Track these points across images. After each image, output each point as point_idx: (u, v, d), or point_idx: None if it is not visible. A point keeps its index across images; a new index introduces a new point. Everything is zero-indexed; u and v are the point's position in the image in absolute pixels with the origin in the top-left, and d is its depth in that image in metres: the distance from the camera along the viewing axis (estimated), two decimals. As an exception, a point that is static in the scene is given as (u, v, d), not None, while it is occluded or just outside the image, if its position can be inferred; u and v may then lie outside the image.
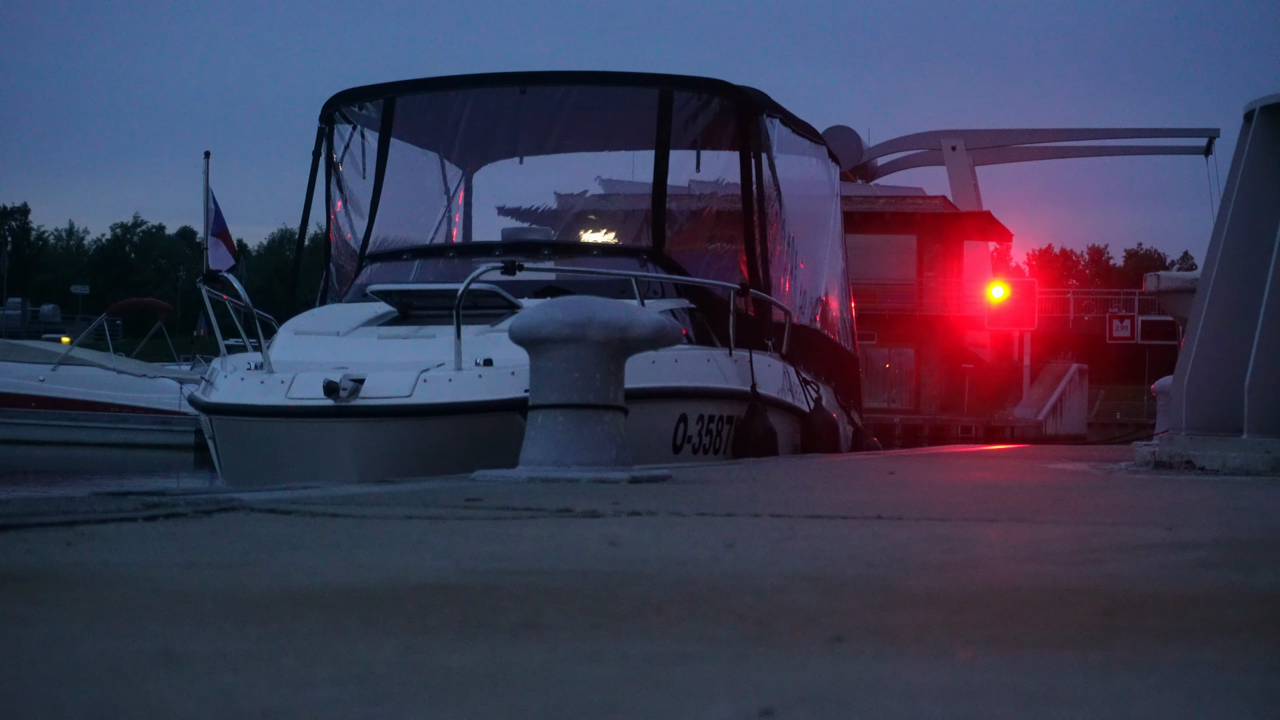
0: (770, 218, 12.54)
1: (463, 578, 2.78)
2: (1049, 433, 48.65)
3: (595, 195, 14.32)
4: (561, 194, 14.30)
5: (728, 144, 12.50)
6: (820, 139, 15.14)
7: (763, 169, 12.37)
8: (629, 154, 13.54)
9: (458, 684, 1.73)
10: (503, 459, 7.26)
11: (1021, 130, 58.97)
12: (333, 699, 1.63)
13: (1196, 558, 3.33)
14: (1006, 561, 3.25)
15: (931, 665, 1.88)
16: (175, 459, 26.32)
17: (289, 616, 2.26)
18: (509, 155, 13.72)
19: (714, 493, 5.65)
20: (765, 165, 12.50)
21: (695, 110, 12.26)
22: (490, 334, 9.40)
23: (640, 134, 12.34)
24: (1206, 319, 8.19)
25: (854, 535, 3.79)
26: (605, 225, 13.92)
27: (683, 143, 12.40)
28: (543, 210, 14.25)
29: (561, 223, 13.82)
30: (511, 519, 4.12)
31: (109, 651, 1.92)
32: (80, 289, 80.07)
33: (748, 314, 11.91)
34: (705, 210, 12.94)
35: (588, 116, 12.95)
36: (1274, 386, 7.70)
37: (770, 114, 12.87)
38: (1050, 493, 6.11)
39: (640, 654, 1.94)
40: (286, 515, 4.08)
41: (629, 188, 13.85)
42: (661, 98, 11.92)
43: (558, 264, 11.52)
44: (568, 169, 14.01)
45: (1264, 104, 7.98)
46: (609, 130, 13.46)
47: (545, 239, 13.06)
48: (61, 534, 3.41)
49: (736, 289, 11.53)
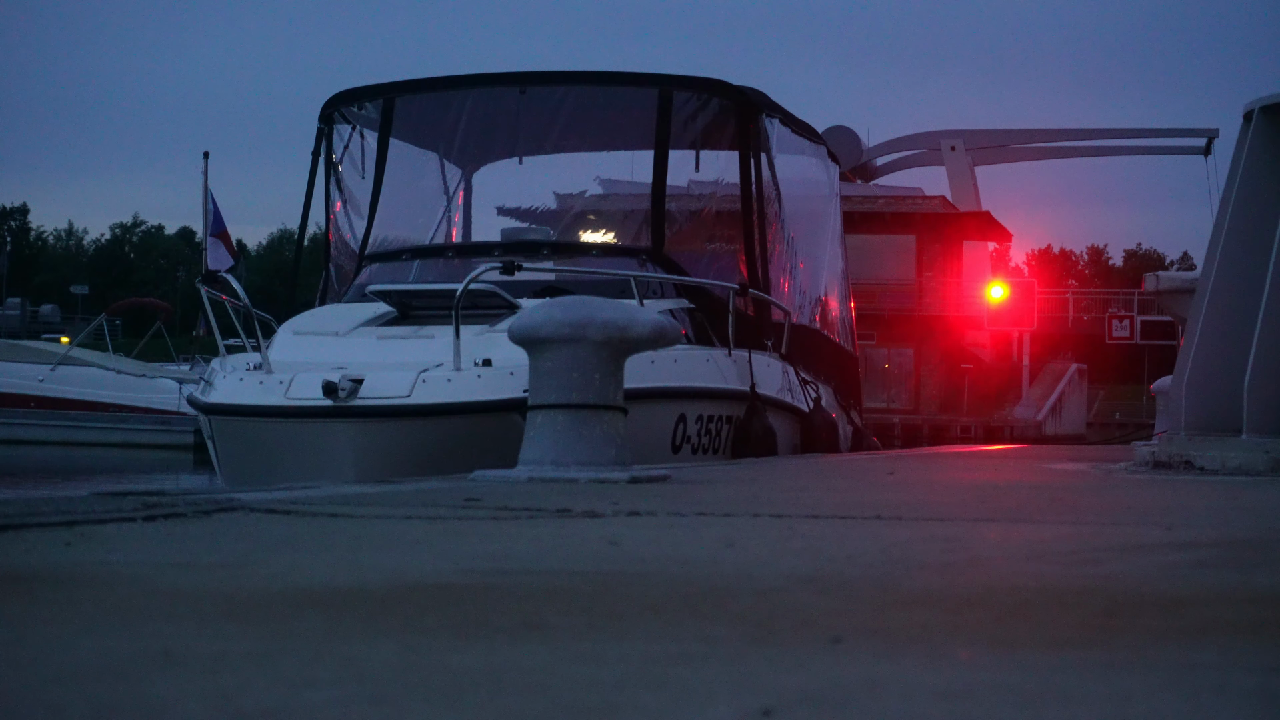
0: (770, 218, 12.53)
1: (462, 578, 2.78)
2: (1048, 433, 48.68)
3: (594, 195, 14.30)
4: (561, 194, 14.29)
5: (727, 144, 12.50)
6: (820, 139, 15.13)
7: (762, 169, 12.36)
8: (628, 154, 13.53)
9: (457, 684, 1.73)
10: (502, 459, 7.26)
11: (1021, 130, 58.99)
12: (332, 699, 1.63)
13: (1196, 558, 3.33)
14: (1006, 561, 3.25)
15: (931, 665, 1.88)
16: (175, 459, 26.31)
17: (288, 616, 2.26)
18: (508, 155, 13.71)
19: (713, 493, 5.65)
20: (765, 165, 12.49)
21: (695, 110, 12.26)
22: (489, 334, 9.40)
23: (640, 134, 12.33)
24: (1206, 319, 8.19)
25: (854, 535, 3.79)
26: (604, 225, 13.91)
27: (682, 143, 12.39)
28: (542, 210, 14.24)
29: (561, 223, 13.81)
30: (511, 519, 4.12)
31: (109, 651, 1.92)
32: (80, 289, 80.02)
33: (747, 314, 11.91)
34: (705, 210, 12.94)
35: (587, 117, 12.94)
36: (1273, 386, 7.70)
37: (770, 114, 12.87)
38: (1050, 493, 6.11)
39: (640, 654, 1.94)
40: (286, 515, 4.08)
41: (628, 188, 13.84)
42: (661, 98, 11.92)
43: (557, 264, 11.51)
44: (567, 169, 14.00)
45: (1263, 104, 7.98)
46: (608, 130, 13.46)
47: (544, 239, 13.05)
48: (61, 534, 3.41)
49: (735, 289, 11.52)
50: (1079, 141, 59.10)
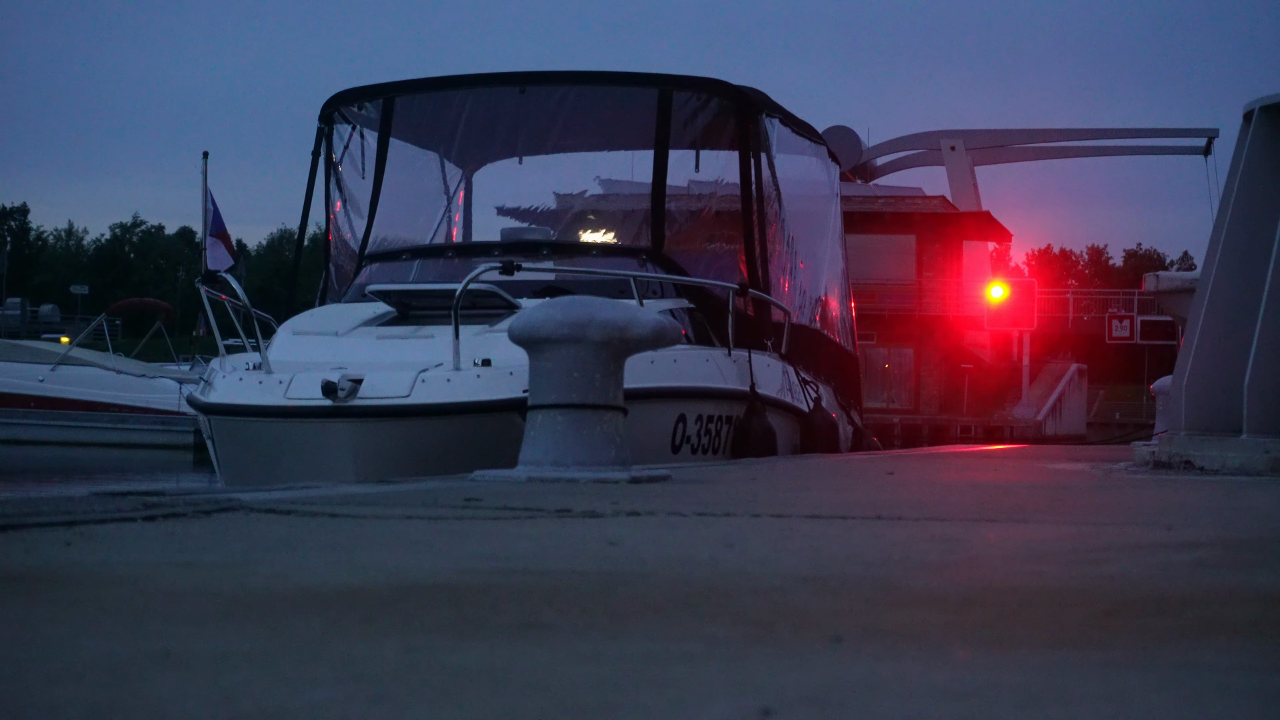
0: (770, 218, 12.53)
1: (462, 577, 2.78)
2: (1048, 433, 48.53)
3: (594, 195, 14.29)
4: (561, 194, 14.29)
5: (727, 144, 12.50)
6: (820, 139, 15.13)
7: (762, 169, 12.36)
8: (628, 154, 13.54)
9: (457, 683, 1.73)
10: (501, 459, 7.26)
11: (1021, 130, 58.92)
12: (333, 698, 1.63)
13: (1196, 558, 3.33)
14: (1006, 562, 3.25)
15: (931, 665, 1.88)
16: (174, 459, 26.31)
17: (289, 616, 2.26)
18: (508, 155, 13.71)
19: (713, 492, 5.65)
20: (765, 165, 12.49)
21: (695, 110, 12.25)
22: (489, 334, 9.40)
23: (640, 134, 12.33)
24: (1206, 319, 8.19)
25: (854, 535, 3.79)
26: (604, 225, 13.91)
27: (682, 142, 12.38)
28: (542, 210, 14.24)
29: (561, 223, 13.81)
30: (511, 519, 4.12)
31: (108, 652, 1.92)
32: (79, 289, 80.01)
33: (747, 314, 11.90)
34: (705, 210, 12.93)
35: (587, 117, 12.94)
36: (1273, 387, 7.70)
37: (770, 114, 12.87)
38: (1049, 493, 6.11)
39: (640, 653, 1.94)
40: (286, 515, 4.08)
41: (628, 188, 13.85)
42: (661, 98, 11.92)
43: (557, 264, 11.51)
44: (567, 169, 14.00)
45: (1264, 104, 7.99)
46: (608, 130, 13.46)
47: (544, 239, 13.06)
48: (60, 534, 3.41)
49: (735, 289, 11.52)
50: (1079, 142, 59.08)
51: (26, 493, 13.99)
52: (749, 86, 12.71)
